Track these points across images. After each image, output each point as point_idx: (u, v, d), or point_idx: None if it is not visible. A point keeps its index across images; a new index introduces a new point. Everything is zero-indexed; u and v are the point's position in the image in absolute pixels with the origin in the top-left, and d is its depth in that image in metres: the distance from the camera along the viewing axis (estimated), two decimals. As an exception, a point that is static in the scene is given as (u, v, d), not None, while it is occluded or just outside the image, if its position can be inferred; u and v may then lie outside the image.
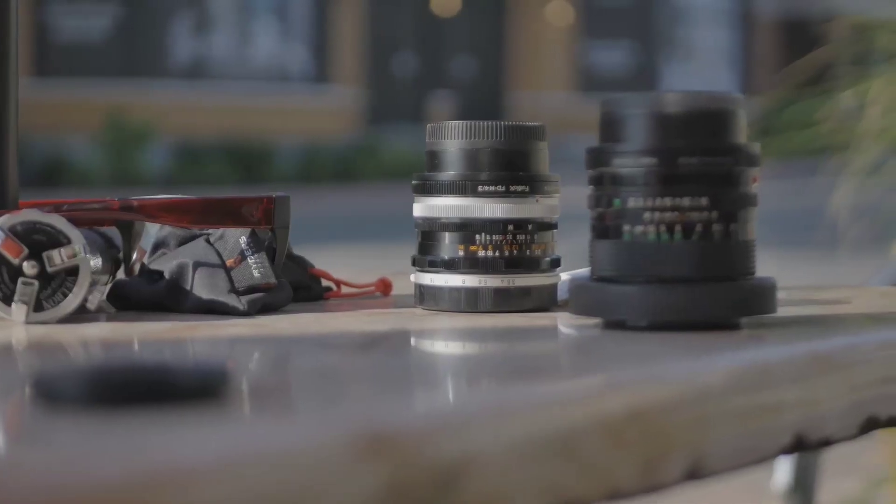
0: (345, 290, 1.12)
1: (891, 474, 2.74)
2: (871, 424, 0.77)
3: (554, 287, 1.01)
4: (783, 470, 2.09)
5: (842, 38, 3.82)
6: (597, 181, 0.87)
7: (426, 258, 1.00)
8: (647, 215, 0.85)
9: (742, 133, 0.87)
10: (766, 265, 0.91)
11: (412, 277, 1.02)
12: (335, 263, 1.17)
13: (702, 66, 28.65)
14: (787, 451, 0.72)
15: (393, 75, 22.57)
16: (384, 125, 20.92)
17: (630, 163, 0.85)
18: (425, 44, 23.51)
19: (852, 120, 3.72)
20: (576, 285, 0.88)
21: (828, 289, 1.20)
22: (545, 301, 1.00)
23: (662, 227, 0.84)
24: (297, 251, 1.09)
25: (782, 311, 0.99)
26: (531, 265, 0.99)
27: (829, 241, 3.64)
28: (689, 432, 0.66)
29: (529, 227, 0.99)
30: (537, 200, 1.00)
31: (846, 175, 3.65)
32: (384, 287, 1.13)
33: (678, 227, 0.84)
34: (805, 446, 0.72)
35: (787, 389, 0.72)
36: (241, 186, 15.98)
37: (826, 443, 0.74)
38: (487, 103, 25.26)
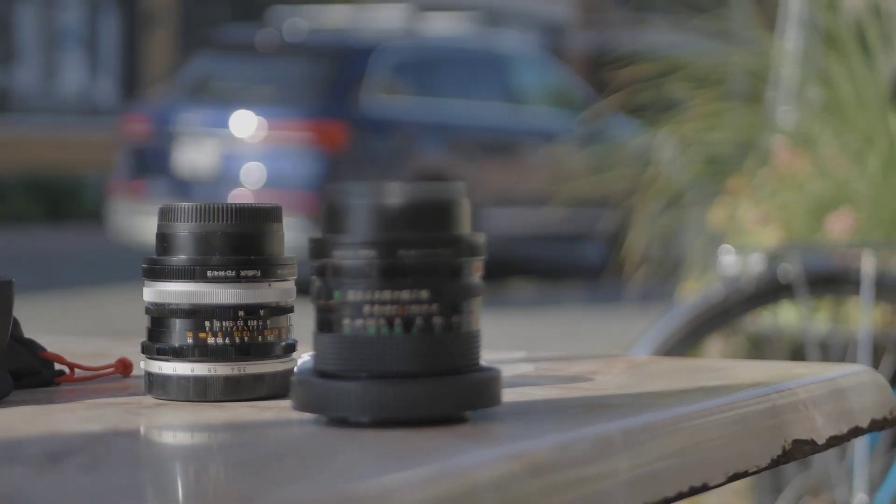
0: (80, 373, 1.08)
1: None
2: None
3: (289, 373, 0.98)
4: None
5: (642, 80, 3.89)
6: (319, 272, 0.86)
7: (155, 345, 0.97)
8: (366, 308, 0.83)
9: (465, 223, 0.86)
10: (550, 293, 0.91)
11: (142, 364, 0.99)
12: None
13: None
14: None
15: (203, 109, 22.32)
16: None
17: (350, 255, 0.84)
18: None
19: (642, 165, 3.79)
20: (297, 380, 0.86)
21: (578, 360, 1.20)
22: (279, 388, 0.97)
23: (382, 321, 0.83)
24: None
25: (520, 393, 0.99)
26: (264, 351, 0.97)
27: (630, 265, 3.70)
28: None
29: (262, 312, 0.97)
30: (270, 285, 0.97)
31: (636, 218, 3.72)
32: (124, 368, 1.10)
33: (398, 321, 0.83)
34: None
35: (487, 495, 0.70)
36: (47, 222, 15.63)
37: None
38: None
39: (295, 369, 0.99)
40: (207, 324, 0.95)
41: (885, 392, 1.14)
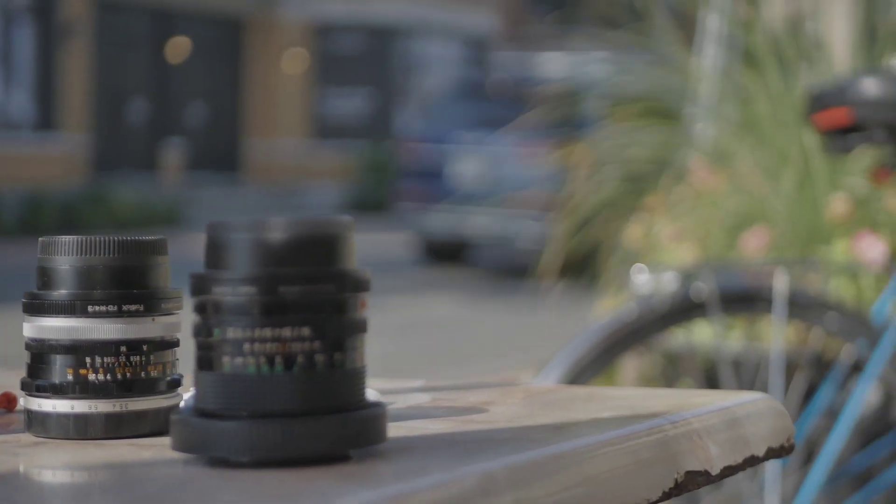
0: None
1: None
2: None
3: (174, 409, 0.96)
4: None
5: (560, 97, 3.90)
6: (200, 309, 0.84)
7: (34, 382, 0.95)
8: (247, 346, 0.81)
9: (350, 258, 0.84)
10: (472, 311, 0.89)
11: (22, 402, 0.96)
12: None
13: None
14: None
15: (123, 122, 22.17)
16: (113, 173, 20.50)
17: (230, 291, 0.82)
18: (157, 90, 23.17)
19: (560, 182, 3.79)
20: (176, 419, 0.84)
21: (475, 389, 1.19)
22: (163, 424, 0.95)
23: (263, 359, 0.81)
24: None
25: (410, 427, 0.97)
26: (147, 388, 0.95)
27: (546, 282, 3.70)
28: None
29: (145, 347, 0.95)
30: (153, 319, 0.95)
31: (554, 234, 3.72)
32: (7, 402, 1.07)
33: (279, 359, 0.81)
34: None
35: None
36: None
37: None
38: (221, 151, 25.06)
39: (177, 407, 0.96)
40: (88, 360, 0.93)
41: (783, 419, 1.13)
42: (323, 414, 0.81)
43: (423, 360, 7.39)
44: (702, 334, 3.19)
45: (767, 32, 3.77)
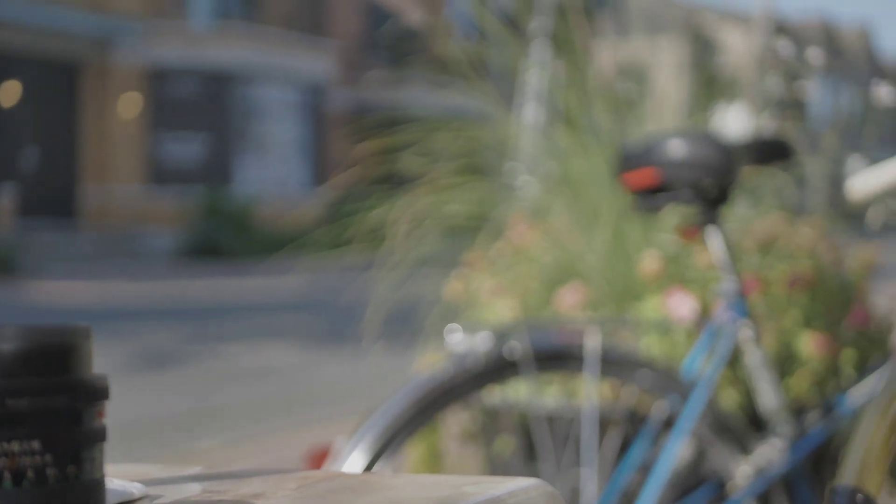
0: None
1: None
2: None
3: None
4: None
5: (383, 152, 3.90)
6: (-74, 421, 0.80)
7: None
8: (-26, 461, 0.78)
9: (86, 366, 0.82)
10: (302, 360, 0.86)
11: None
12: None
13: (275, 159, 28.95)
14: None
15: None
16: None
17: (-46, 404, 0.79)
18: (-13, 134, 22.73)
19: (381, 236, 3.79)
20: None
21: (250, 478, 1.17)
22: None
23: (-9, 474, 0.78)
24: None
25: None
26: None
27: (369, 336, 3.68)
28: None
29: None
30: None
31: (375, 289, 3.71)
32: None
33: (7, 474, 0.78)
34: None
35: None
36: None
37: None
38: (56, 196, 24.66)
39: None
40: None
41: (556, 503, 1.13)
42: (54, 529, 0.79)
43: (256, 408, 7.32)
44: (519, 391, 3.20)
45: (586, 89, 3.81)
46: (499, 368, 2.62)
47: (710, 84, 4.61)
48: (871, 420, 1.18)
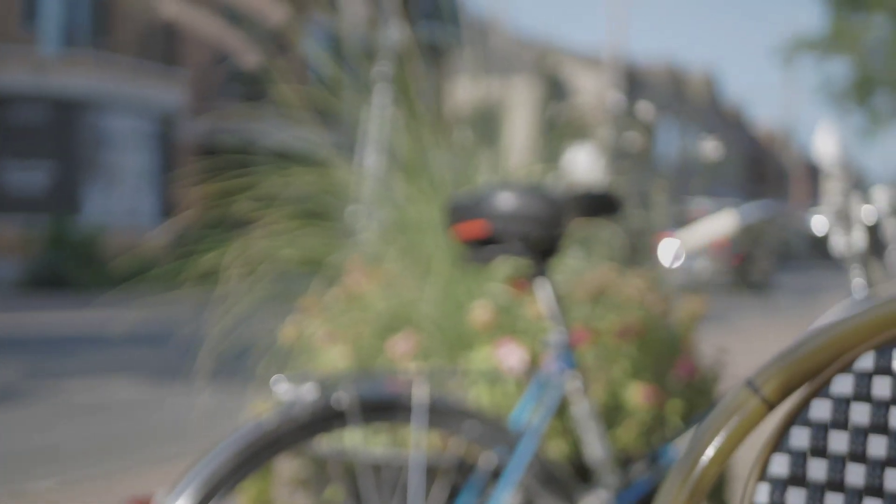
0: None
1: None
2: None
3: None
4: None
5: (216, 196, 3.87)
6: None
7: None
8: None
9: None
10: (143, 396, 0.84)
11: None
12: None
13: (125, 189, 28.60)
14: None
15: None
16: None
17: None
18: None
19: (213, 281, 3.76)
20: None
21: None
22: None
23: None
24: None
25: None
26: None
27: (202, 376, 3.64)
28: None
29: None
30: None
31: (216, 319, 3.68)
32: None
33: None
34: None
35: None
36: None
37: None
38: None
39: None
40: None
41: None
42: None
43: (96, 447, 7.19)
44: (349, 439, 3.19)
45: (422, 136, 3.83)
46: (326, 418, 2.61)
47: (559, 126, 4.67)
48: (671, 488, 1.19)
